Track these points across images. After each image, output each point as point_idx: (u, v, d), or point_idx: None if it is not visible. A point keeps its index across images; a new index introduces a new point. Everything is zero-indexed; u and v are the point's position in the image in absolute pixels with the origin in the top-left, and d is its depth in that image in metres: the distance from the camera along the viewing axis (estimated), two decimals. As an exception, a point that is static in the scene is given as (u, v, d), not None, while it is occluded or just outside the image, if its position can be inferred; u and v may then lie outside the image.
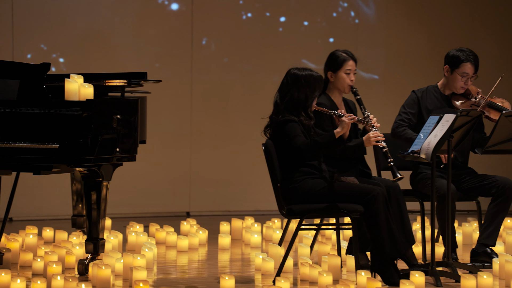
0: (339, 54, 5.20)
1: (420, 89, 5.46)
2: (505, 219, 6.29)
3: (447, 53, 5.40)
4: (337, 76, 5.20)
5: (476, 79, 5.36)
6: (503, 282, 4.80)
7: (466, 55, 5.31)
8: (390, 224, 4.68)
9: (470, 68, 5.32)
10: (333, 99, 5.23)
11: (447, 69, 5.39)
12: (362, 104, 5.12)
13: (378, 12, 8.24)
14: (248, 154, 8.02)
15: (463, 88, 5.36)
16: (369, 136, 4.95)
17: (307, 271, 4.86)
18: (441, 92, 5.44)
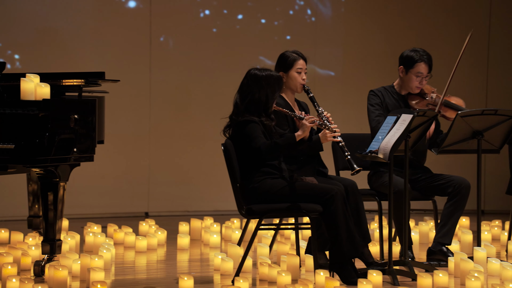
0: (289, 54, 5.23)
1: (378, 89, 5.51)
2: (461, 218, 6.38)
3: (401, 54, 5.46)
4: (289, 76, 5.22)
5: (430, 78, 5.43)
6: (458, 280, 4.87)
7: (420, 55, 5.38)
8: (349, 224, 4.72)
9: (424, 68, 5.38)
10: (287, 99, 5.25)
11: (401, 69, 5.45)
12: (316, 101, 5.15)
13: (334, 11, 8.30)
14: (207, 154, 8.01)
15: (418, 87, 5.43)
16: (325, 133, 4.98)
17: (266, 271, 4.87)
18: (398, 92, 5.50)
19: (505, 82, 8.48)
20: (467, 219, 6.74)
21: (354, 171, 4.87)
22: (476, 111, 5.19)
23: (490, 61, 8.51)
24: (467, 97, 5.49)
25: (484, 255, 5.10)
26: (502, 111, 5.20)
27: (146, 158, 8.00)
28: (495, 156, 5.58)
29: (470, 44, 8.42)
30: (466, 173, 5.88)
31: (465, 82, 8.31)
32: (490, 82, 8.48)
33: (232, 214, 7.54)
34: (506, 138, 5.30)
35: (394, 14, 8.38)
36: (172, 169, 8.04)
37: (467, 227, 6.67)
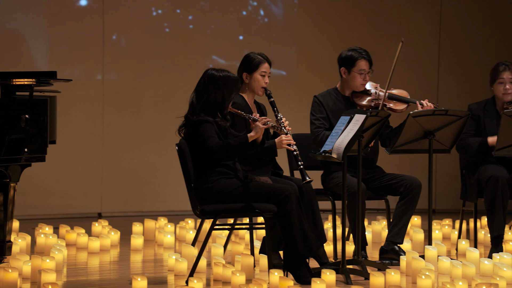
0: (255, 56, 5.24)
1: (321, 93, 5.56)
2: (412, 217, 6.47)
3: (339, 56, 5.52)
4: (252, 78, 5.22)
5: (372, 74, 5.50)
6: (410, 279, 4.94)
7: (359, 53, 5.46)
8: (303, 223, 4.74)
9: (365, 64, 5.46)
10: (247, 100, 5.25)
11: (343, 70, 5.51)
12: (275, 107, 5.16)
13: (286, 11, 8.33)
14: (161, 154, 7.96)
15: (363, 84, 5.50)
16: (281, 139, 5.01)
17: (220, 271, 4.87)
18: (341, 93, 5.55)
19: (455, 83, 8.63)
20: (418, 218, 6.83)
21: (305, 182, 4.89)
22: (428, 112, 5.27)
23: (441, 63, 8.65)
24: (419, 97, 5.57)
25: (435, 254, 5.18)
26: (452, 111, 5.29)
27: (99, 158, 7.92)
28: (446, 156, 5.67)
29: (422, 45, 8.57)
30: (418, 173, 5.96)
31: (417, 83, 8.43)
32: (441, 83, 8.62)
33: (187, 214, 7.52)
34: (456, 138, 5.39)
35: (347, 14, 8.46)
36: (125, 169, 7.97)
37: (418, 226, 6.76)
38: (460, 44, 8.64)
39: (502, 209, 5.43)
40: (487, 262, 4.98)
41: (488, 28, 8.62)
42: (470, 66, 8.63)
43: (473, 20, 8.63)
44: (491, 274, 4.85)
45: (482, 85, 8.40)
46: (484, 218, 6.79)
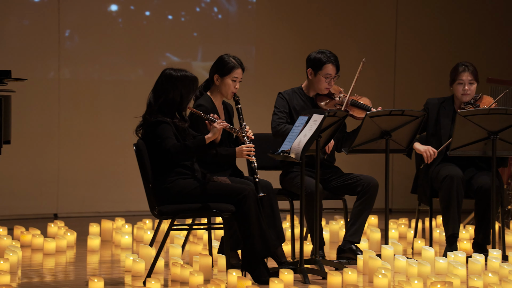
0: (229, 60, 5.18)
1: (286, 91, 5.57)
2: (369, 217, 6.53)
3: (308, 56, 5.54)
4: (223, 81, 5.19)
5: (338, 79, 5.54)
6: (367, 277, 4.98)
7: (327, 56, 5.48)
8: (261, 223, 4.75)
9: (332, 69, 5.48)
10: (214, 102, 5.22)
11: (310, 71, 5.53)
12: (241, 114, 5.14)
13: (240, 9, 8.33)
14: (119, 154, 7.90)
15: (327, 88, 5.53)
16: (242, 149, 5.00)
17: (178, 271, 4.85)
18: (306, 94, 5.58)
19: (411, 84, 8.73)
20: (375, 218, 6.90)
21: (259, 196, 4.89)
22: (384, 112, 5.32)
23: (397, 64, 8.75)
24: (376, 98, 5.63)
25: (391, 253, 5.23)
26: (408, 111, 5.35)
27: (55, 158, 7.82)
28: (402, 156, 5.73)
29: (379, 48, 8.66)
30: (375, 173, 6.02)
31: (374, 84, 8.51)
32: (397, 83, 8.72)
33: (144, 214, 7.46)
34: (412, 138, 5.46)
35: (305, 14, 8.50)
36: (82, 170, 7.89)
37: (375, 225, 6.83)
38: (415, 45, 8.74)
39: (457, 209, 5.51)
40: (442, 260, 5.05)
41: (443, 29, 8.75)
42: (425, 66, 8.75)
43: (428, 21, 8.74)
44: (446, 272, 4.92)
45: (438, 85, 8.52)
46: (439, 217, 6.88)
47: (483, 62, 8.26)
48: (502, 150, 5.37)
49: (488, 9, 8.78)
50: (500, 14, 8.78)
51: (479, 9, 8.78)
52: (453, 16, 8.75)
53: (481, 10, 8.78)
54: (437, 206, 5.77)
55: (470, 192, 5.61)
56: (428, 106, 5.74)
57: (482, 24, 8.76)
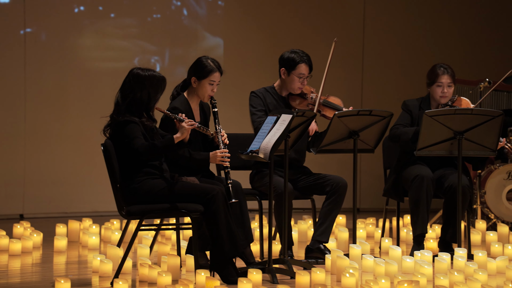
0: (208, 64, 5.14)
1: (258, 90, 5.57)
2: (338, 216, 6.56)
3: (281, 56, 5.55)
4: (200, 84, 5.16)
5: (311, 79, 5.56)
6: (335, 277, 5.00)
7: (300, 56, 5.49)
8: (230, 223, 4.74)
9: (305, 69, 5.50)
10: (190, 103, 5.20)
11: (283, 71, 5.54)
12: (217, 118, 5.13)
13: (211, 12, 8.32)
14: (86, 154, 7.84)
15: (300, 88, 5.54)
16: (216, 154, 4.99)
17: (146, 272, 4.82)
18: (278, 93, 5.59)
19: (378, 84, 8.80)
20: (343, 217, 6.93)
21: (230, 202, 4.89)
22: (352, 112, 5.35)
23: (365, 64, 8.81)
24: (344, 98, 5.65)
25: (359, 252, 5.27)
26: (376, 111, 5.39)
27: (21, 159, 7.73)
28: (370, 156, 5.77)
29: (346, 48, 8.71)
30: (343, 172, 6.05)
31: (342, 84, 8.56)
32: (365, 84, 8.78)
33: (112, 215, 7.42)
34: (380, 138, 5.50)
35: (273, 14, 8.51)
36: (49, 170, 7.81)
37: (343, 225, 6.87)
38: (383, 45, 8.81)
39: (426, 208, 5.56)
40: (409, 260, 5.10)
41: (410, 29, 8.82)
42: (393, 66, 8.82)
43: (395, 21, 8.81)
44: (413, 271, 4.96)
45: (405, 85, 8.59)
46: (406, 217, 6.94)
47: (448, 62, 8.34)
48: (468, 150, 5.44)
49: (454, 9, 8.88)
50: (465, 14, 8.88)
51: (445, 9, 8.87)
52: (419, 16, 8.83)
53: (447, 11, 8.88)
54: (404, 206, 5.82)
55: (439, 191, 5.66)
56: (409, 107, 5.77)
57: (448, 25, 8.86)
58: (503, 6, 8.89)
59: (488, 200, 6.75)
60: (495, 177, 6.74)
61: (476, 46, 8.82)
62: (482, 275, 4.76)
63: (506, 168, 6.75)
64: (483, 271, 4.80)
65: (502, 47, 8.21)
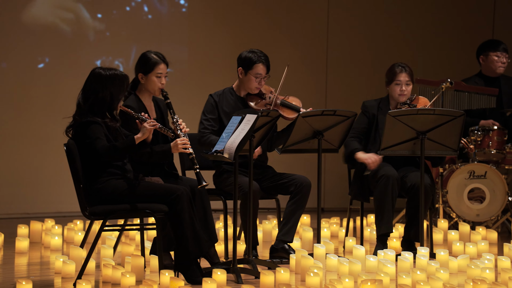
0: (151, 57, 5.13)
1: (217, 92, 5.57)
2: (302, 216, 6.58)
3: (239, 55, 5.55)
4: (148, 79, 5.14)
5: (269, 79, 5.56)
6: (299, 276, 5.02)
7: (258, 56, 5.49)
8: (194, 224, 4.73)
9: (262, 68, 5.50)
10: (143, 101, 5.17)
11: (240, 71, 5.54)
12: (172, 108, 5.11)
13: (173, 10, 8.28)
14: (49, 154, 7.75)
15: (258, 88, 5.55)
16: (177, 143, 4.97)
17: (109, 273, 4.79)
18: (237, 94, 5.59)
19: (343, 84, 8.85)
20: (308, 217, 6.96)
21: (201, 186, 4.88)
22: (317, 112, 5.37)
23: (329, 64, 8.85)
24: (308, 98, 5.68)
25: (323, 252, 5.29)
26: (340, 111, 5.42)
27: (-19, 158, 7.62)
28: (334, 155, 5.80)
29: (311, 48, 8.75)
30: (307, 172, 6.08)
31: (306, 84, 8.59)
32: (330, 83, 8.82)
33: (75, 215, 7.35)
34: (344, 138, 5.53)
35: (238, 13, 8.51)
36: (10, 169, 7.71)
37: (308, 224, 6.89)
38: (347, 45, 8.86)
39: (391, 208, 5.60)
40: (372, 259, 5.14)
41: (374, 29, 8.89)
42: (357, 66, 8.88)
43: (359, 21, 8.87)
44: (376, 270, 5.00)
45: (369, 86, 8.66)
46: (370, 216, 7.00)
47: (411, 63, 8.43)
48: (430, 150, 5.50)
49: (418, 10, 8.97)
50: (428, 14, 8.98)
51: (409, 10, 8.96)
52: (383, 17, 8.91)
53: (410, 11, 8.96)
54: (368, 206, 5.86)
55: (402, 190, 5.72)
56: (368, 109, 5.83)
57: (411, 25, 8.94)
58: (465, 8, 9.01)
59: (450, 200, 6.83)
60: (456, 177, 6.83)
61: (439, 46, 8.92)
62: (444, 274, 4.81)
63: (467, 168, 6.84)
64: (444, 269, 4.86)
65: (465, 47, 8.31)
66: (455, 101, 7.00)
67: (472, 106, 6.99)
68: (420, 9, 8.94)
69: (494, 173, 6.82)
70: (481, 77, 7.26)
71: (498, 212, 6.83)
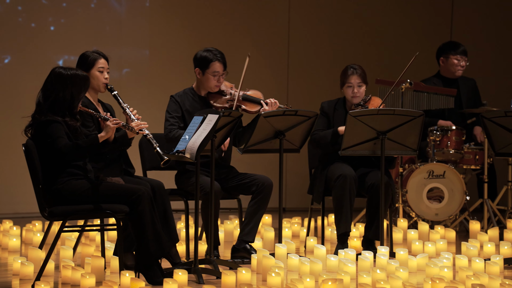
0: (90, 54, 5.15)
1: (178, 93, 5.56)
2: (263, 216, 6.59)
3: (195, 56, 5.55)
4: (91, 75, 5.12)
5: (227, 75, 5.57)
6: (260, 276, 5.03)
7: (214, 54, 5.50)
8: (155, 224, 4.71)
9: (219, 66, 5.51)
10: (90, 99, 5.14)
11: (198, 71, 5.54)
12: (120, 98, 5.09)
13: (134, 10, 8.23)
14: (7, 154, 7.64)
15: (217, 86, 5.55)
16: (132, 126, 4.93)
17: (69, 274, 4.74)
18: (197, 94, 5.58)
19: (304, 84, 8.89)
20: (269, 217, 6.97)
21: (163, 161, 4.85)
22: (278, 112, 5.39)
23: (290, 64, 8.88)
24: (269, 96, 5.68)
25: (285, 252, 5.31)
26: (302, 112, 5.44)
27: None
28: (295, 156, 5.82)
29: (272, 46, 8.76)
30: (269, 172, 6.09)
31: (267, 83, 8.60)
32: (291, 83, 8.85)
33: (34, 216, 7.25)
34: (305, 138, 5.56)
35: (198, 12, 8.49)
36: (-34, 170, 7.58)
37: (269, 224, 6.91)
38: (308, 45, 8.90)
39: (349, 207, 5.65)
40: (333, 258, 5.17)
41: (334, 29, 8.94)
42: (318, 67, 8.92)
43: (320, 21, 8.92)
44: (337, 270, 5.03)
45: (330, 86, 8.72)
46: (331, 216, 7.04)
47: (372, 62, 8.51)
48: (391, 150, 5.55)
49: (379, 10, 9.05)
50: (389, 14, 9.06)
51: (369, 9, 9.03)
52: (345, 16, 8.96)
53: (371, 11, 9.04)
54: (329, 205, 5.89)
55: (362, 190, 5.77)
56: (325, 110, 5.87)
57: (372, 24, 9.02)
58: (424, 9, 9.12)
59: (410, 199, 6.91)
60: (416, 176, 6.91)
61: (399, 46, 9.01)
62: (403, 273, 4.86)
63: (426, 168, 6.92)
64: (404, 268, 4.91)
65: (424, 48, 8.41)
66: (415, 102, 7.07)
67: (431, 107, 7.08)
68: (380, 9, 9.02)
69: (453, 172, 6.91)
70: (440, 78, 7.35)
71: (456, 211, 6.93)
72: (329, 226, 6.79)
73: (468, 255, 5.48)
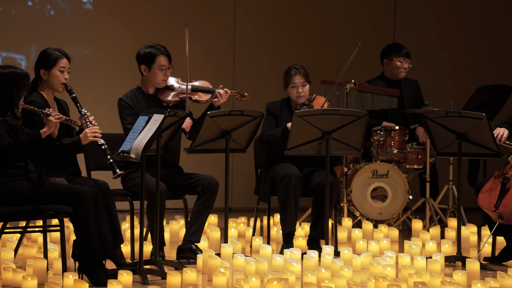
0: (52, 52, 5.05)
1: (126, 95, 5.51)
2: (209, 216, 6.58)
3: (138, 53, 5.52)
4: (50, 74, 5.03)
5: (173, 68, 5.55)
6: (206, 276, 5.02)
7: (157, 49, 5.49)
8: (100, 224, 4.66)
9: (165, 59, 5.50)
10: (46, 98, 5.05)
11: (144, 68, 5.51)
12: (78, 102, 5.02)
13: (77, 8, 8.12)
14: None
15: (165, 80, 5.53)
16: (86, 133, 4.87)
17: (10, 276, 4.64)
18: (146, 92, 5.54)
19: (251, 83, 8.90)
20: (215, 217, 6.97)
21: (116, 175, 4.81)
22: (224, 112, 5.39)
23: (236, 64, 8.88)
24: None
25: (231, 251, 5.31)
26: (247, 111, 5.45)
27: None
28: (241, 155, 5.83)
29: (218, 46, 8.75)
30: (215, 172, 6.08)
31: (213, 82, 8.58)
32: (236, 83, 8.85)
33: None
34: (251, 137, 5.57)
35: (143, 13, 8.43)
36: None
37: (215, 224, 6.90)
38: (253, 45, 8.92)
39: (294, 207, 5.68)
40: (279, 258, 5.19)
41: (280, 28, 8.98)
42: (264, 66, 8.95)
43: (265, 22, 8.94)
44: (282, 269, 5.06)
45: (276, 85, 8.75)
46: (276, 216, 7.07)
47: (317, 63, 8.57)
48: (336, 149, 5.61)
49: (323, 10, 9.11)
50: (332, 15, 9.14)
51: (313, 10, 9.09)
52: (289, 16, 9.00)
53: (315, 11, 9.10)
54: (275, 205, 5.92)
55: (307, 190, 5.81)
56: (272, 111, 5.90)
57: (316, 25, 9.08)
58: (368, 9, 9.23)
59: (354, 198, 6.98)
60: (360, 176, 6.99)
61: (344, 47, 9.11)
62: (348, 272, 4.92)
63: (370, 167, 7.01)
64: (348, 267, 4.96)
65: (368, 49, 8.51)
66: (359, 102, 7.16)
67: (375, 107, 7.17)
68: (325, 10, 9.09)
69: (396, 172, 7.02)
70: (383, 79, 7.46)
71: (400, 210, 7.04)
72: (275, 225, 6.82)
73: (410, 254, 5.57)
